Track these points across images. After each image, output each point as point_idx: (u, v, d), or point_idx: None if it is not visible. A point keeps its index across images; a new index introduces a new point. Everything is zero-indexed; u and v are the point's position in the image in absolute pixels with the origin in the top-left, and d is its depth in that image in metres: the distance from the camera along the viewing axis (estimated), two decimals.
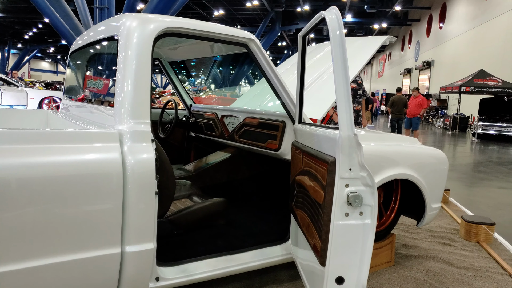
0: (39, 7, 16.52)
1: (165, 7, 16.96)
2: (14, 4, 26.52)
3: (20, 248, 1.58)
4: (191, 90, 25.21)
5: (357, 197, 1.61)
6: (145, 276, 1.89)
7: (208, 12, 29.40)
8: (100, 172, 1.73)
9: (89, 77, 2.61)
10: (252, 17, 31.46)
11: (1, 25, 33.81)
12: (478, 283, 2.90)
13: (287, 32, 35.33)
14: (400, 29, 36.94)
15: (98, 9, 17.52)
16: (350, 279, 1.64)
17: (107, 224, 1.76)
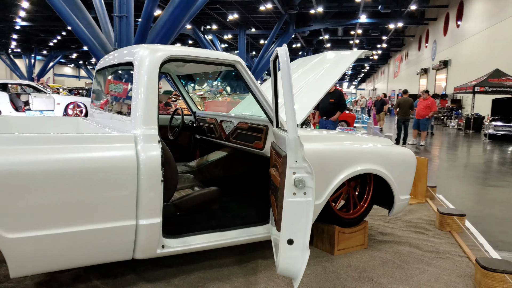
0: (63, 16, 17.44)
1: (180, 13, 17.67)
2: (39, 13, 27.77)
3: (68, 218, 2.21)
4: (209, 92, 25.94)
5: (301, 181, 2.18)
6: (153, 243, 2.50)
7: (222, 16, 30.09)
8: (121, 165, 2.34)
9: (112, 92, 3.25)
10: (266, 20, 32.01)
11: (27, 33, 35.32)
12: (437, 262, 3.41)
13: (301, 34, 35.76)
14: (417, 28, 36.84)
15: (118, 18, 18.38)
16: (297, 241, 2.20)
17: (125, 203, 2.37)
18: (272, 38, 31.49)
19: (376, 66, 61.02)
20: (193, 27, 31.99)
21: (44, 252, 2.20)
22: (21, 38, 37.50)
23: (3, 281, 2.74)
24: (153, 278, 2.88)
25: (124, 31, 18.77)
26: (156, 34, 18.22)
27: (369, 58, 50.31)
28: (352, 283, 2.94)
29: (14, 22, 30.93)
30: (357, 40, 40.31)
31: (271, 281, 2.91)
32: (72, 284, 2.74)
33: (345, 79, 79.17)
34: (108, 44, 19.11)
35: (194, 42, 38.28)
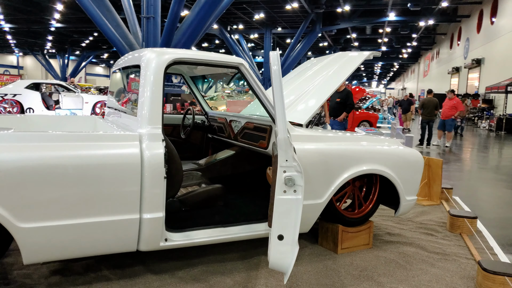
0: (93, 18, 18.03)
1: (205, 14, 17.90)
2: (73, 15, 28.74)
3: (76, 210, 2.38)
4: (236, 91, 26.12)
5: (290, 179, 2.26)
6: (156, 236, 2.64)
7: (249, 16, 30.26)
8: (126, 162, 2.49)
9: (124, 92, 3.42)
10: (292, 19, 31.97)
11: (61, 34, 36.63)
12: (442, 264, 3.40)
13: (328, 32, 35.50)
14: (449, 26, 35.81)
15: (145, 19, 18.84)
16: (287, 236, 2.28)
17: (129, 198, 2.52)
18: (298, 37, 31.42)
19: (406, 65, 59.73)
20: (220, 27, 32.32)
21: (54, 241, 2.38)
22: (56, 39, 38.92)
23: (22, 268, 2.95)
24: (159, 270, 3.03)
25: (152, 32, 19.22)
26: (182, 34, 18.57)
27: (398, 57, 49.38)
28: (351, 281, 3.00)
29: (49, 24, 32.14)
30: (386, 39, 39.63)
31: (271, 276, 3.00)
32: (84, 273, 2.92)
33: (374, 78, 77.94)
34: (136, 45, 19.62)
35: (220, 42, 38.67)
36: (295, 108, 3.73)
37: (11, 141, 2.28)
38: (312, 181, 3.18)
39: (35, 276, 2.84)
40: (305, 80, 4.11)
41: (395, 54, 48.03)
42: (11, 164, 2.21)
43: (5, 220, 2.22)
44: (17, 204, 2.24)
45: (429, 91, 12.47)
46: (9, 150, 2.24)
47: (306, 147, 3.17)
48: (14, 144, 2.27)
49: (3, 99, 11.92)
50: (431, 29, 38.16)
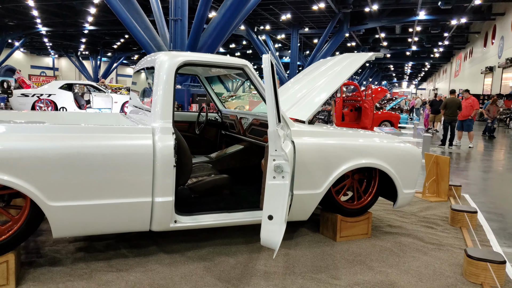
0: (124, 21, 18.78)
1: (231, 15, 18.32)
2: (105, 18, 29.89)
3: (97, 192, 2.76)
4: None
5: (279, 167, 2.56)
6: (167, 218, 2.99)
7: (275, 17, 30.54)
8: (140, 152, 2.85)
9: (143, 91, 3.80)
10: (319, 19, 32.00)
11: (94, 36, 38.09)
12: (435, 253, 3.60)
13: (356, 32, 35.29)
14: (483, 24, 34.85)
15: (173, 21, 19.46)
16: (277, 217, 2.58)
17: (143, 183, 2.88)
18: (325, 37, 31.44)
19: (437, 64, 58.41)
20: (247, 28, 32.76)
21: (79, 218, 2.76)
22: (89, 41, 40.48)
23: (52, 245, 3.37)
24: (171, 250, 3.38)
25: (179, 34, 19.83)
26: (209, 36, 19.07)
27: (429, 57, 48.42)
28: (343, 264, 3.26)
29: (82, 26, 33.53)
30: (416, 38, 38.97)
31: (270, 258, 3.31)
32: (105, 251, 3.31)
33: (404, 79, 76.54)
34: (164, 46, 20.30)
35: (248, 43, 39.12)
36: (299, 106, 4.01)
37: (44, 132, 2.68)
38: (311, 173, 3.46)
39: (63, 252, 3.25)
40: (311, 80, 4.38)
41: (426, 54, 47.12)
42: (44, 152, 2.60)
43: (38, 199, 2.62)
44: (48, 186, 2.64)
45: (452, 91, 12.39)
46: (43, 139, 2.64)
47: (305, 141, 3.46)
48: (46, 135, 2.67)
49: (39, 99, 12.71)
50: (464, 28, 37.22)
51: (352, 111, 12.30)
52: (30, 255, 3.16)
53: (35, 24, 33.71)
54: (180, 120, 4.69)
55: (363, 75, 54.87)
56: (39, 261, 3.07)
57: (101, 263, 3.09)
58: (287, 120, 3.49)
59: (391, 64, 54.85)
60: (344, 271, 3.15)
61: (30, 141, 2.60)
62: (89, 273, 2.91)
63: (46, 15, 30.51)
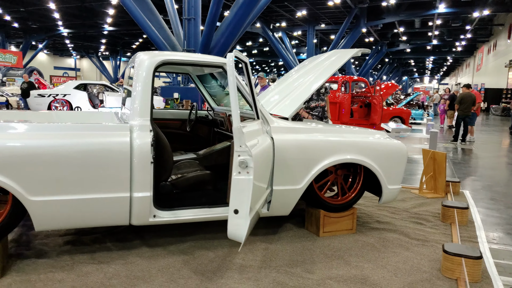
0: (138, 21, 19.08)
1: (244, 14, 18.37)
2: (123, 18, 30.43)
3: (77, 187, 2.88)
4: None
5: (243, 162, 2.62)
6: (145, 212, 3.09)
7: (291, 13, 30.43)
8: (117, 149, 2.96)
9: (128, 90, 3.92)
10: (336, 15, 31.74)
11: (114, 37, 38.85)
12: (417, 249, 3.60)
13: (373, 27, 34.83)
14: (507, 16, 33.77)
15: (187, 20, 19.67)
16: (241, 211, 2.63)
17: (121, 178, 2.99)
18: (341, 33, 31.15)
19: (460, 59, 57.02)
20: (262, 25, 32.77)
21: (59, 212, 2.89)
22: (108, 42, 41.30)
23: (42, 239, 3.53)
24: (154, 244, 3.49)
25: (192, 33, 20.02)
26: (221, 34, 19.19)
27: (451, 50, 47.32)
28: (321, 259, 3.30)
29: (102, 28, 34.24)
30: (436, 32, 38.12)
31: (250, 252, 3.37)
32: (91, 244, 3.45)
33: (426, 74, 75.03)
34: (178, 46, 20.53)
35: (264, 40, 39.10)
36: (284, 103, 4.06)
37: (23, 131, 2.82)
38: (290, 169, 3.51)
39: (51, 245, 3.40)
40: (299, 77, 4.42)
41: (447, 48, 46.07)
42: (24, 149, 2.74)
43: (19, 194, 2.76)
44: (28, 181, 2.77)
45: (468, 86, 12.13)
46: (23, 137, 2.78)
47: (284, 137, 3.50)
48: (26, 133, 2.81)
49: (55, 99, 13.11)
50: (487, 20, 36.15)
51: (361, 108, 12.21)
52: (20, 248, 3.32)
53: (57, 26, 34.62)
54: (173, 118, 4.80)
55: (382, 71, 54.07)
56: (27, 253, 3.22)
57: (85, 255, 3.22)
58: (267, 117, 3.54)
59: (411, 59, 53.84)
60: (320, 265, 3.19)
61: (10, 139, 2.74)
62: (71, 265, 3.05)
63: (67, 17, 31.29)
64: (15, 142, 2.75)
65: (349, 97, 11.41)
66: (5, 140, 2.73)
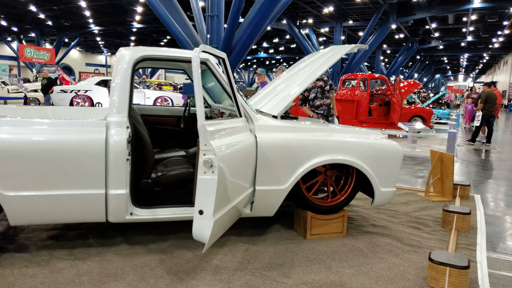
0: (162, 18, 19.30)
1: (266, 10, 18.23)
2: (151, 16, 30.90)
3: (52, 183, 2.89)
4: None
5: (207, 162, 2.53)
6: (122, 210, 3.07)
7: (318, 10, 30.02)
8: (92, 145, 2.94)
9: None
10: (364, 11, 31.05)
11: (142, 34, 39.56)
12: (407, 255, 3.41)
13: (403, 24, 33.89)
14: None
15: (210, 17, 19.73)
16: (206, 211, 2.55)
17: (96, 175, 2.97)
18: (369, 29, 30.48)
19: (497, 56, 54.62)
20: (288, 22, 32.48)
21: (34, 208, 2.91)
22: (137, 39, 42.07)
23: (28, 233, 3.58)
24: (136, 241, 3.47)
25: (215, 30, 20.07)
26: (244, 31, 19.14)
27: (487, 47, 45.44)
28: (301, 263, 3.18)
29: (131, 25, 34.92)
30: (471, 28, 36.66)
31: (230, 253, 3.30)
32: (74, 240, 3.46)
33: (460, 71, 72.46)
34: (201, 43, 20.63)
35: (291, 37, 38.78)
36: (275, 100, 3.95)
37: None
38: (274, 168, 3.40)
39: (34, 239, 3.44)
40: (294, 73, 4.29)
41: (483, 45, 44.25)
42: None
43: None
44: (2, 176, 2.80)
45: (493, 84, 11.56)
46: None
47: (269, 136, 3.40)
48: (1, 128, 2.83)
49: (77, 95, 13.45)
50: None
51: (381, 106, 11.86)
52: (4, 241, 3.37)
53: (88, 23, 35.58)
54: (169, 114, 4.77)
55: (413, 68, 52.60)
56: (9, 247, 3.27)
57: (64, 251, 3.23)
58: (251, 115, 3.45)
59: (444, 56, 52.04)
60: (299, 269, 3.07)
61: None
62: (47, 260, 3.06)
63: (98, 14, 32.07)
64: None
65: (367, 95, 11.10)
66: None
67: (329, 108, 5.82)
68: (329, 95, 5.84)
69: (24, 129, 2.87)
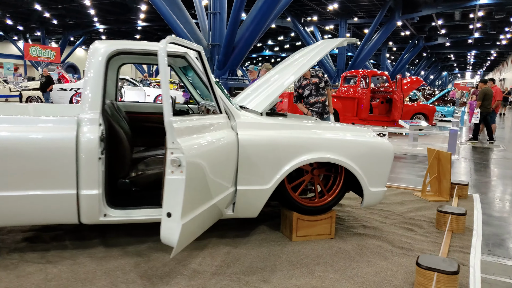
0: (163, 15, 19.19)
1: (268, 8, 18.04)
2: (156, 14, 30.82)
3: (19, 183, 2.76)
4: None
5: (175, 161, 2.38)
6: (95, 211, 2.93)
7: (322, 7, 29.75)
8: (62, 143, 2.81)
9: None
10: (369, 8, 30.69)
11: (147, 32, 39.55)
12: (397, 258, 3.24)
13: (409, 20, 33.49)
14: None
15: (212, 14, 19.59)
16: (174, 214, 2.40)
17: (66, 175, 2.84)
18: (374, 27, 30.14)
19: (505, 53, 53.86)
20: (293, 19, 32.24)
21: (2, 209, 2.78)
22: (142, 38, 42.03)
23: (4, 234, 3.46)
24: (113, 244, 3.34)
25: (218, 27, 19.92)
26: (246, 28, 18.97)
27: (495, 44, 44.80)
28: (283, 267, 3.02)
29: (135, 23, 34.91)
30: (478, 24, 36.12)
31: (210, 256, 3.15)
32: (49, 242, 3.34)
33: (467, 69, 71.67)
34: (203, 40, 20.50)
35: (296, 35, 38.53)
36: (260, 96, 3.79)
37: None
38: (257, 167, 3.24)
39: (8, 241, 3.32)
40: (283, 68, 4.13)
41: (490, 41, 43.60)
42: None
43: None
44: None
45: (490, 80, 11.27)
46: None
47: (251, 133, 3.24)
48: None
49: (76, 93, 13.37)
50: None
51: (382, 103, 11.64)
52: None
53: (92, 22, 35.63)
54: (155, 111, 4.63)
55: (419, 66, 52.07)
56: None
57: (36, 254, 3.10)
58: (232, 111, 3.30)
59: (451, 53, 51.46)
60: (280, 274, 2.92)
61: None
62: (16, 263, 2.93)
63: (102, 13, 32.09)
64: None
65: (368, 92, 10.88)
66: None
67: (324, 106, 5.65)
68: (324, 92, 5.66)
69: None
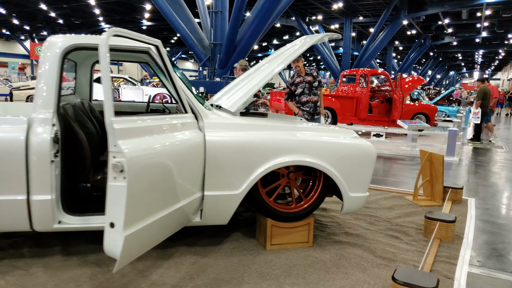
0: (165, 14, 19.06)
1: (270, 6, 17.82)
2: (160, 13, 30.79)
3: None
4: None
5: (117, 166, 2.16)
6: (48, 218, 2.73)
7: (327, 6, 29.43)
8: (10, 145, 2.61)
9: None
10: (374, 7, 30.31)
11: (152, 31, 39.45)
12: (376, 269, 3.00)
13: (415, 19, 33.05)
14: None
15: (214, 13, 19.41)
16: (118, 224, 2.18)
17: (15, 179, 2.64)
18: (379, 26, 29.77)
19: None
20: (297, 18, 31.96)
21: None
22: None
23: None
24: (74, 251, 3.13)
25: (219, 26, 19.74)
26: (248, 27, 18.76)
27: (503, 43, 44.10)
28: (251, 279, 2.80)
29: (140, 22, 34.85)
30: (486, 23, 35.53)
31: (174, 267, 2.94)
32: (6, 249, 3.14)
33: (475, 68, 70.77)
34: (205, 39, 20.33)
35: (301, 34, 38.21)
36: (235, 96, 3.57)
37: None
38: (226, 171, 3.02)
39: None
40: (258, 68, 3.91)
41: (498, 40, 42.92)
42: None
43: None
44: None
45: (486, 79, 10.92)
46: None
47: (220, 135, 3.03)
48: None
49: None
50: None
51: (382, 103, 11.34)
52: None
53: (98, 22, 35.64)
54: (132, 111, 4.44)
55: (426, 65, 51.46)
56: None
57: None
58: (200, 111, 3.08)
59: (458, 52, 50.74)
60: (247, 286, 2.69)
61: None
62: None
63: (107, 12, 32.05)
64: None
65: (367, 91, 10.60)
66: None
67: (316, 106, 5.42)
68: (317, 92, 5.44)
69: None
